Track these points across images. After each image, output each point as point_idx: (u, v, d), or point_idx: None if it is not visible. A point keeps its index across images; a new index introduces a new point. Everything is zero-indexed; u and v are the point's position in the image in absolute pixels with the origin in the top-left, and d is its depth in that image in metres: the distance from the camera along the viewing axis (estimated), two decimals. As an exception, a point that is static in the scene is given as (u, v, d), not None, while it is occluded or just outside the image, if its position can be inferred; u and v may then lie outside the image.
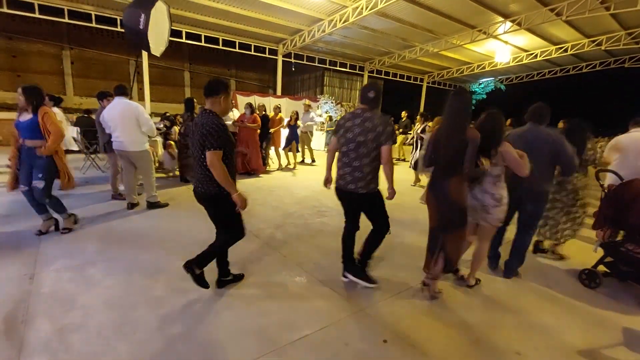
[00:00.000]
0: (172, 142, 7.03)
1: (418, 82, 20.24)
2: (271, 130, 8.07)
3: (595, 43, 13.06)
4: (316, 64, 16.07)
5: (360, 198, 2.77)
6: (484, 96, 21.43)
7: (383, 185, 2.80)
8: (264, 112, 7.82)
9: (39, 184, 3.34)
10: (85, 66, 15.11)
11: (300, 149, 9.24)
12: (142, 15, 5.07)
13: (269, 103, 12.84)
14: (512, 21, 11.31)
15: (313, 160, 9.53)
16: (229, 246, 2.71)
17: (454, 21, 11.59)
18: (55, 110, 5.27)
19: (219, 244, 2.67)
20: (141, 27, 5.10)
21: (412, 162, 7.18)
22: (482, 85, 22.02)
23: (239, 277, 2.94)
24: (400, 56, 15.49)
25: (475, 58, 16.54)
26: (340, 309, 2.64)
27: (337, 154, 2.88)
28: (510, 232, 3.40)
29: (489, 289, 3.10)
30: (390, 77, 18.86)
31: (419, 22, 11.71)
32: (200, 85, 18.32)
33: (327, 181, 3.12)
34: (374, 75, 18.33)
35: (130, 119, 4.29)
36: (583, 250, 3.99)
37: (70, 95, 14.42)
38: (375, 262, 3.31)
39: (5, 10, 9.72)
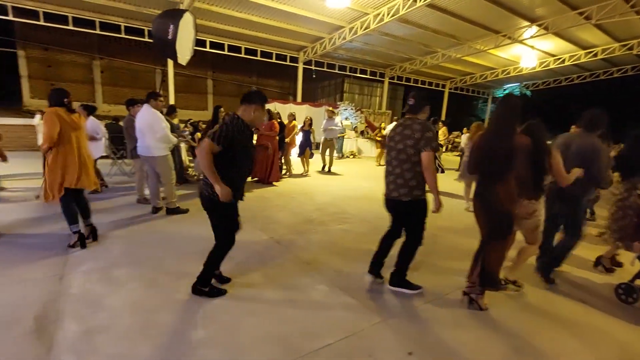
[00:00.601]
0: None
1: (440, 88, 19.95)
2: (286, 140, 7.85)
3: (627, 47, 12.51)
4: (336, 71, 16.14)
5: (404, 206, 2.75)
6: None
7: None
8: (279, 120, 7.77)
9: None
10: (114, 75, 15.79)
11: (322, 156, 9.10)
12: (171, 26, 5.24)
13: (289, 110, 12.97)
14: (539, 25, 11.00)
15: (329, 170, 9.12)
16: (224, 254, 2.70)
17: (478, 26, 11.39)
18: (91, 119, 5.44)
19: (214, 254, 2.68)
20: (169, 37, 5.27)
21: None
22: (506, 91, 21.51)
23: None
24: (422, 62, 15.33)
25: (500, 63, 16.17)
26: (363, 318, 2.56)
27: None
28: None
29: (525, 300, 2.94)
30: (411, 84, 18.68)
31: (442, 27, 11.57)
32: (222, 92, 18.78)
33: None
34: (395, 81, 18.22)
35: (149, 126, 4.39)
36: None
37: (100, 102, 15.05)
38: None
39: (42, 22, 10.28)
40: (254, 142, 6.88)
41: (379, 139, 11.19)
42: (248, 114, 2.47)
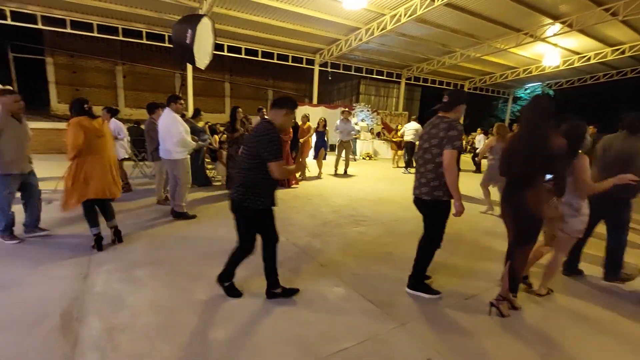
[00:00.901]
0: (222, 152, 7.19)
1: (458, 89, 19.60)
2: (301, 140, 7.73)
3: (657, 43, 11.94)
4: (352, 73, 16.09)
5: (424, 204, 2.76)
6: (530, 102, 20.25)
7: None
8: (294, 121, 7.68)
9: None
10: (136, 80, 16.27)
11: (337, 159, 9.03)
12: (189, 31, 5.35)
13: (304, 112, 13.02)
14: (562, 23, 10.64)
15: (345, 172, 9.01)
16: (245, 257, 2.71)
17: (498, 25, 11.12)
18: (113, 120, 5.63)
19: (271, 254, 2.69)
20: (187, 41, 5.38)
21: None
22: (528, 91, 20.94)
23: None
24: (440, 62, 15.10)
25: (521, 62, 15.73)
26: (380, 322, 2.53)
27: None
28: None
29: (551, 305, 2.83)
30: (428, 84, 18.43)
31: (460, 27, 11.37)
32: (239, 95, 19.05)
33: None
34: (412, 82, 18.01)
35: (167, 129, 4.44)
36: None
37: (122, 106, 15.53)
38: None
39: (68, 30, 10.71)
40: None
41: (395, 140, 11.09)
42: (278, 118, 2.48)
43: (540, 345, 2.35)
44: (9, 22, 9.88)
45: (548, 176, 2.50)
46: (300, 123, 8.04)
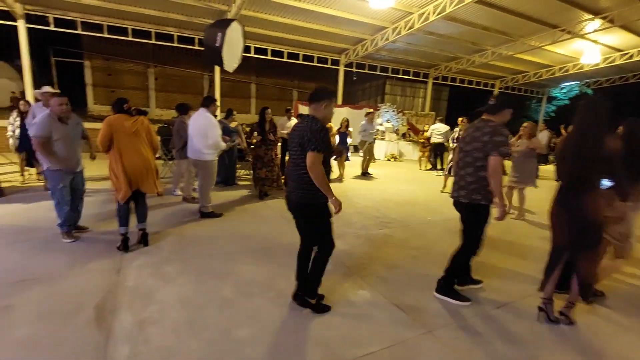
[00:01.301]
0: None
1: (489, 88, 18.90)
2: None
3: None
4: (378, 73, 15.91)
5: (462, 207, 2.72)
6: (567, 102, 19.28)
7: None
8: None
9: None
10: (166, 82, 16.85)
11: (364, 159, 8.92)
12: (219, 34, 5.46)
13: (330, 112, 12.97)
14: (603, 18, 10.01)
15: (366, 173, 8.81)
16: (328, 258, 2.56)
17: (533, 21, 10.62)
18: None
19: (321, 260, 2.56)
20: (217, 44, 5.49)
21: (447, 169, 6.97)
22: (564, 90, 19.89)
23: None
24: (469, 61, 14.62)
25: (557, 60, 14.96)
26: (407, 328, 2.46)
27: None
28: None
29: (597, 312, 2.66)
30: (457, 84, 17.90)
31: (492, 24, 10.96)
32: (265, 96, 19.30)
33: None
34: (439, 82, 17.57)
35: (202, 131, 4.51)
36: None
37: (153, 107, 16.13)
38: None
39: (105, 35, 11.24)
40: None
41: (421, 141, 10.83)
42: (319, 112, 2.40)
43: (584, 356, 2.21)
44: (52, 28, 10.49)
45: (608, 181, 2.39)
46: None
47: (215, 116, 4.90)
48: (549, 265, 2.61)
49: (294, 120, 7.92)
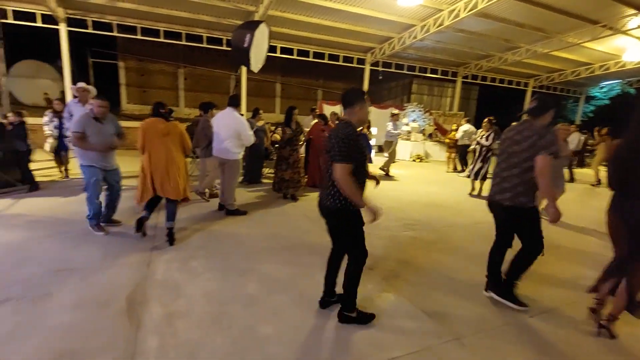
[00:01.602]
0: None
1: (521, 87, 18.13)
2: None
3: None
4: (404, 72, 15.63)
5: (506, 211, 2.64)
6: (607, 102, 18.16)
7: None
8: (337, 121, 7.34)
9: None
10: (195, 82, 17.36)
11: (389, 159, 8.79)
12: (247, 35, 5.53)
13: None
14: (649, 13, 9.34)
15: (387, 174, 8.63)
16: (362, 267, 2.42)
17: (571, 17, 10.06)
18: None
19: (354, 272, 2.42)
20: (245, 45, 5.56)
21: (472, 172, 6.71)
22: (604, 89, 18.76)
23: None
24: (502, 59, 14.07)
25: (596, 58, 14.11)
26: (433, 333, 2.39)
27: None
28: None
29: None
30: (487, 82, 17.28)
31: (527, 20, 10.48)
32: (290, 95, 19.45)
33: None
34: (469, 80, 17.03)
35: (233, 131, 4.56)
36: None
37: (182, 107, 16.66)
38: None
39: (139, 37, 11.71)
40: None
41: (447, 141, 10.52)
42: (354, 116, 2.30)
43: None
44: (90, 30, 11.05)
45: None
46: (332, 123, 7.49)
47: (242, 115, 4.96)
48: (607, 270, 2.48)
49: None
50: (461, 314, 2.65)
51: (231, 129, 4.58)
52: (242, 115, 4.93)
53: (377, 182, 2.71)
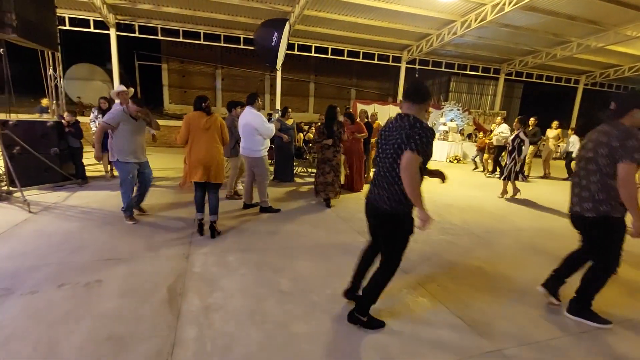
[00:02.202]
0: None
1: (571, 85, 16.93)
2: (372, 140, 7.04)
3: None
4: (442, 69, 15.13)
5: (587, 223, 2.42)
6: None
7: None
8: (366, 119, 7.05)
9: None
10: (232, 82, 17.90)
11: None
12: (275, 34, 5.52)
13: (388, 112, 12.68)
14: None
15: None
16: (392, 275, 2.31)
17: (630, 8, 9.23)
18: None
19: (382, 277, 2.31)
20: (273, 44, 5.55)
21: (506, 172, 6.47)
22: (667, 86, 17.04)
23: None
24: (549, 55, 13.21)
25: (660, 51, 12.87)
26: (472, 343, 2.27)
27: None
28: None
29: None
30: (533, 80, 16.32)
31: (579, 12, 9.76)
32: (322, 95, 19.51)
33: None
34: (512, 77, 16.17)
35: (251, 128, 4.59)
36: None
37: (219, 106, 17.23)
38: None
39: (181, 39, 12.26)
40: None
41: (487, 141, 10.01)
42: (421, 114, 2.12)
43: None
44: (137, 35, 11.73)
45: None
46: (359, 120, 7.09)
47: (270, 114, 4.95)
48: None
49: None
50: (503, 324, 2.50)
51: (249, 126, 4.59)
52: (261, 110, 4.83)
53: (444, 179, 2.46)
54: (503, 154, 8.18)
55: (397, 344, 2.22)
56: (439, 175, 2.44)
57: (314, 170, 7.84)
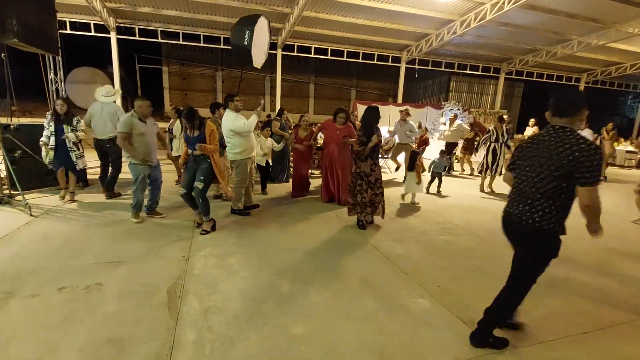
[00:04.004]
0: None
1: (573, 83, 16.88)
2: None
3: None
4: (442, 69, 15.12)
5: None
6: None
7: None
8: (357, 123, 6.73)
9: (199, 184, 3.88)
10: (232, 84, 17.93)
11: (394, 160, 8.50)
12: (247, 32, 5.45)
13: (389, 112, 12.67)
14: None
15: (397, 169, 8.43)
16: (522, 299, 2.16)
17: (631, 5, 9.20)
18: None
19: (510, 299, 2.17)
20: (245, 42, 5.48)
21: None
22: (669, 83, 16.98)
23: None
24: (550, 53, 13.18)
25: (661, 48, 12.81)
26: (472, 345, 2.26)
27: None
28: None
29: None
30: (533, 78, 16.30)
31: (579, 10, 9.74)
32: (323, 96, 19.53)
33: None
34: (512, 76, 16.15)
35: (225, 130, 4.51)
36: None
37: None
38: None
39: (181, 42, 12.30)
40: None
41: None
42: (579, 125, 1.93)
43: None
44: (137, 38, 11.77)
45: None
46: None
47: (269, 116, 4.91)
48: None
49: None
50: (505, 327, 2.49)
51: (224, 127, 4.51)
52: (240, 110, 4.62)
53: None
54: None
55: (396, 346, 2.22)
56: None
57: (314, 172, 7.92)
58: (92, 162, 5.75)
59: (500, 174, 6.57)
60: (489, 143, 6.79)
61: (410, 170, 5.82)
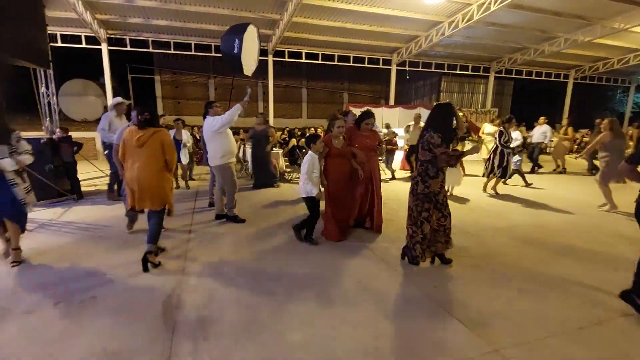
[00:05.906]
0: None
1: (561, 80, 17.08)
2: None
3: None
4: (433, 70, 15.25)
5: None
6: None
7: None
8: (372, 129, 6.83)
9: None
10: (225, 91, 17.94)
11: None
12: (236, 41, 5.50)
13: (381, 114, 12.76)
14: None
15: (393, 177, 8.30)
16: None
17: (615, 0, 9.36)
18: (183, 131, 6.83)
19: None
20: (235, 51, 5.52)
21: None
22: (657, 77, 17.24)
23: None
24: (538, 51, 13.34)
25: (647, 42, 13.02)
26: (470, 344, 2.27)
27: None
28: None
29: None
30: (523, 77, 16.47)
31: (564, 8, 9.88)
32: (315, 100, 19.61)
33: None
34: (502, 75, 16.31)
35: (208, 135, 4.52)
36: None
37: (214, 115, 17.26)
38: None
39: (172, 51, 12.31)
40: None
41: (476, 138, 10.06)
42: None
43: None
44: (129, 48, 11.77)
45: None
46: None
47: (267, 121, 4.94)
48: None
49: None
50: (500, 324, 2.49)
51: (205, 133, 4.54)
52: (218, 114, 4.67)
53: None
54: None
55: (395, 349, 2.22)
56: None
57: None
58: (84, 175, 5.73)
59: (510, 177, 6.46)
60: (496, 145, 6.56)
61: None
